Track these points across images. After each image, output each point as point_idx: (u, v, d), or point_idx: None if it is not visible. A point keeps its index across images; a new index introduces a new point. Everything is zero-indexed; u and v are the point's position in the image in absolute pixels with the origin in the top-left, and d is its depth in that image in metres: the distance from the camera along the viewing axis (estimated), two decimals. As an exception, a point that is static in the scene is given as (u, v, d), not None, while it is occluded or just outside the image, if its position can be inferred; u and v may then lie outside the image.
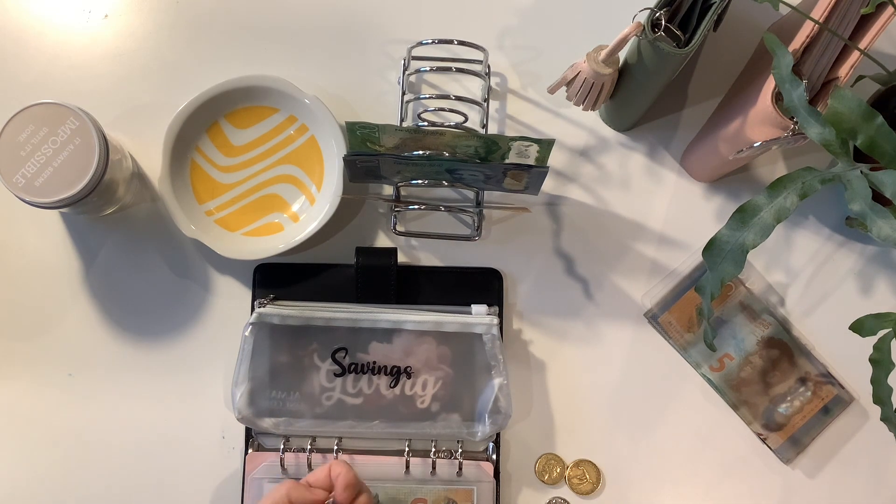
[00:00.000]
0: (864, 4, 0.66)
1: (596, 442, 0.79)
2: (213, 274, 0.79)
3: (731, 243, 0.64)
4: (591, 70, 0.69)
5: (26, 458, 0.77)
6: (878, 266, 0.81)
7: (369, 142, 0.68)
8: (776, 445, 0.78)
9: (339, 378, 0.76)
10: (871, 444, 0.79)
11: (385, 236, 0.80)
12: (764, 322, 0.79)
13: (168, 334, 0.78)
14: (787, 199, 0.63)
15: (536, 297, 0.80)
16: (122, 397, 0.78)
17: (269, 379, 0.76)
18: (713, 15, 0.64)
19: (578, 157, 0.81)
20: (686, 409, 0.79)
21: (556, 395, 0.79)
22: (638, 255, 0.80)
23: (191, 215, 0.76)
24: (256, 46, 0.81)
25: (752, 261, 0.81)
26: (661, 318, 0.79)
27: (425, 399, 0.77)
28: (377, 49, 0.81)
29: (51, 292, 0.78)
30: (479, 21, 0.82)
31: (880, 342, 0.64)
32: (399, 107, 0.80)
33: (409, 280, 0.77)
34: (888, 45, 0.82)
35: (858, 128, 0.59)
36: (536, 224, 0.80)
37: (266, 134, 0.78)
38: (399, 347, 0.76)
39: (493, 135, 0.76)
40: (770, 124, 0.66)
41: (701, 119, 0.81)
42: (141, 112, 0.80)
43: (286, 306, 0.75)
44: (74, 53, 0.80)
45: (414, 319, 0.75)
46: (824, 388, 0.79)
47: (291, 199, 0.78)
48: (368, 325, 0.76)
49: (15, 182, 0.68)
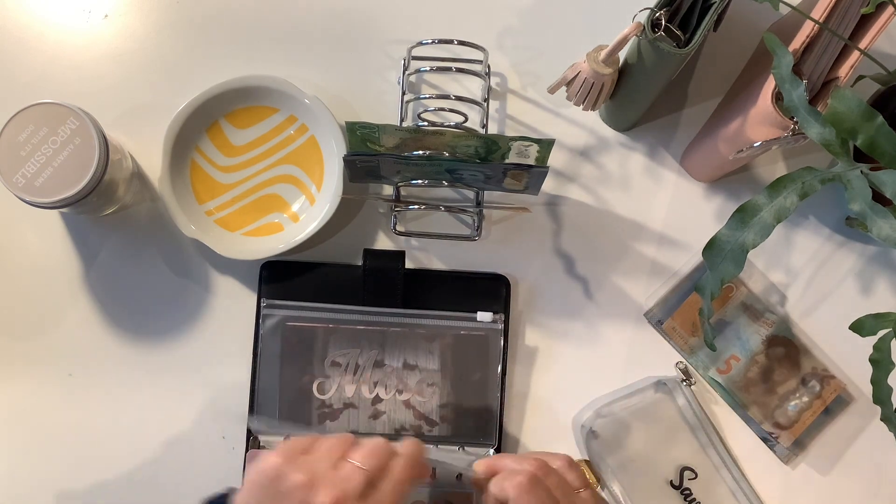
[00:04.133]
0: (864, 4, 0.66)
1: (596, 442, 0.79)
2: (213, 274, 0.79)
3: (731, 243, 0.64)
4: (591, 70, 0.69)
5: (26, 458, 0.77)
6: (878, 266, 0.81)
7: (369, 142, 0.68)
8: (788, 443, 0.78)
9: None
10: (871, 444, 0.79)
11: (385, 236, 0.80)
12: (767, 321, 0.79)
13: (168, 334, 0.78)
14: (787, 199, 0.63)
15: (536, 297, 0.80)
16: (122, 397, 0.78)
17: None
18: (713, 15, 0.64)
19: (578, 157, 0.81)
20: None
21: (555, 396, 0.79)
22: (638, 254, 0.80)
23: (191, 215, 0.76)
24: (256, 46, 0.81)
25: (753, 261, 0.81)
26: (665, 325, 0.79)
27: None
28: (377, 49, 0.81)
29: (51, 292, 0.78)
30: (479, 21, 0.82)
31: (880, 342, 0.64)
32: (399, 107, 0.79)
33: (416, 284, 0.77)
34: (888, 45, 0.82)
35: (858, 128, 0.59)
36: (536, 224, 0.80)
37: (266, 134, 0.78)
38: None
39: (493, 135, 0.76)
40: (770, 124, 0.66)
41: (701, 119, 0.81)
42: (141, 112, 0.80)
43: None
44: (74, 53, 0.80)
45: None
46: (832, 383, 0.79)
47: (291, 199, 0.78)
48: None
49: (15, 182, 0.68)
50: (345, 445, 0.59)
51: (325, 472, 0.56)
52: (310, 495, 0.54)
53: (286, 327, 0.76)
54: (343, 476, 0.56)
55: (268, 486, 0.56)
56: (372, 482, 0.56)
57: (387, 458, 0.59)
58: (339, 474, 0.56)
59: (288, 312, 0.76)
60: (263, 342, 0.76)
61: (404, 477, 0.58)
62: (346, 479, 0.56)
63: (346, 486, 0.55)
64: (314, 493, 0.54)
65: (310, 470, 0.56)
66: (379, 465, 0.58)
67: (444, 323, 0.77)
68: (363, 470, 0.56)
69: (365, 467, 0.56)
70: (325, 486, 0.55)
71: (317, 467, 0.56)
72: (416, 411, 0.77)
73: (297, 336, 0.76)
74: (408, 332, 0.77)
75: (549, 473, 0.61)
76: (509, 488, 0.59)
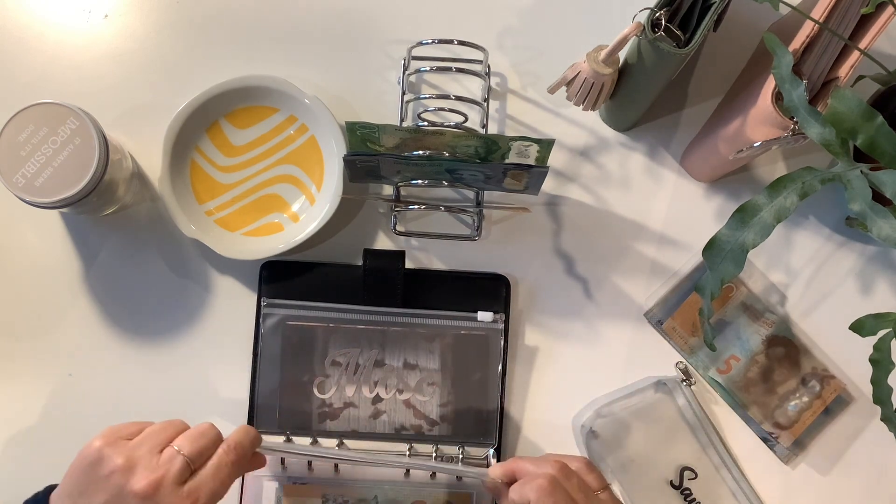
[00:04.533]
0: (864, 4, 0.66)
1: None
2: (213, 274, 0.79)
3: (731, 243, 0.64)
4: (591, 70, 0.69)
5: (26, 458, 0.77)
6: (878, 266, 0.81)
7: (369, 142, 0.68)
8: (788, 443, 0.78)
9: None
10: (871, 444, 0.79)
11: (385, 236, 0.80)
12: (767, 321, 0.79)
13: (168, 334, 0.78)
14: (787, 199, 0.63)
15: (536, 297, 0.80)
16: (122, 397, 0.78)
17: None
18: (713, 15, 0.64)
19: (578, 157, 0.81)
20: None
21: (555, 396, 0.79)
22: (638, 254, 0.80)
23: (191, 215, 0.76)
24: (256, 46, 0.81)
25: (753, 261, 0.81)
26: (665, 325, 0.79)
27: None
28: (377, 49, 0.81)
29: (51, 292, 0.78)
30: (479, 21, 0.82)
31: (880, 342, 0.64)
32: (399, 107, 0.79)
33: (416, 284, 0.77)
34: (888, 45, 0.82)
35: (858, 128, 0.59)
36: (536, 224, 0.80)
37: (266, 134, 0.78)
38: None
39: (493, 135, 0.76)
40: (770, 124, 0.66)
41: (701, 119, 0.81)
42: (141, 112, 0.80)
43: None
44: (74, 53, 0.80)
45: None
46: (832, 383, 0.79)
47: (291, 199, 0.78)
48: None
49: (15, 182, 0.68)
50: (169, 431, 0.59)
51: (144, 456, 0.56)
52: (127, 480, 0.55)
53: (286, 327, 0.76)
54: (162, 461, 0.56)
55: (88, 471, 0.56)
56: (192, 468, 0.57)
57: (211, 444, 0.59)
58: (157, 459, 0.56)
59: (288, 312, 0.76)
60: (263, 342, 0.76)
61: (226, 463, 0.58)
62: (164, 463, 0.56)
63: (163, 470, 0.55)
64: (131, 478, 0.55)
65: (130, 454, 0.56)
66: (200, 450, 0.57)
67: (444, 323, 0.77)
68: (183, 456, 0.56)
69: (184, 453, 0.56)
70: (142, 471, 0.55)
71: (137, 452, 0.56)
72: (417, 411, 0.77)
73: (298, 336, 0.76)
74: (408, 331, 0.77)
75: (570, 475, 0.62)
76: (530, 492, 0.60)
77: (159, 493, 0.55)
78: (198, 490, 0.56)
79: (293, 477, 0.76)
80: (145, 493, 0.54)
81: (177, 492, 0.55)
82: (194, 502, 0.55)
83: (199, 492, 0.56)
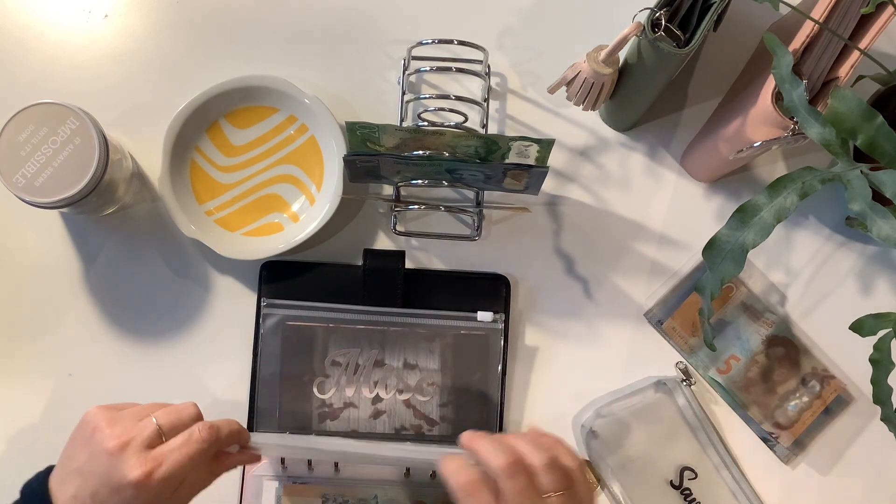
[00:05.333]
0: (864, 4, 0.66)
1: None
2: (214, 274, 0.79)
3: (731, 243, 0.64)
4: (591, 70, 0.69)
5: (26, 458, 0.77)
6: (878, 266, 0.81)
7: (369, 142, 0.68)
8: (788, 443, 0.78)
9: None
10: (871, 444, 0.79)
11: (385, 236, 0.80)
12: (767, 321, 0.79)
13: (168, 334, 0.78)
14: (787, 199, 0.63)
15: (536, 297, 0.80)
16: (122, 397, 0.77)
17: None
18: (713, 15, 0.64)
19: (578, 157, 0.81)
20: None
21: (555, 395, 0.79)
22: (638, 254, 0.80)
23: (191, 215, 0.76)
24: (256, 46, 0.81)
25: (753, 261, 0.81)
26: (665, 325, 0.79)
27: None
28: (377, 49, 0.81)
29: (51, 292, 0.78)
30: (479, 21, 0.82)
31: (880, 342, 0.64)
32: (399, 107, 0.79)
33: (416, 284, 0.77)
34: (888, 45, 0.82)
35: (858, 128, 0.59)
36: (536, 224, 0.80)
37: (266, 134, 0.78)
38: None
39: (493, 135, 0.76)
40: (770, 124, 0.66)
41: (701, 119, 0.81)
42: (141, 112, 0.80)
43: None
44: (74, 53, 0.80)
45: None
46: (832, 383, 0.79)
47: (291, 199, 0.78)
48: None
49: (15, 182, 0.68)
50: (156, 406, 0.63)
51: (123, 421, 0.61)
52: (102, 439, 0.59)
53: (286, 327, 0.76)
54: (138, 427, 0.60)
55: (77, 434, 0.62)
56: (164, 438, 0.60)
57: (188, 419, 0.62)
58: (133, 425, 0.60)
59: (288, 312, 0.76)
60: (263, 342, 0.76)
61: (197, 439, 0.61)
62: (137, 428, 0.60)
63: (134, 433, 0.59)
64: (105, 437, 0.59)
65: (112, 418, 0.61)
66: (175, 423, 0.61)
67: (444, 322, 0.77)
68: (158, 425, 0.60)
69: (160, 423, 0.60)
70: (117, 432, 0.59)
71: (120, 417, 0.61)
72: (417, 411, 0.77)
73: (297, 336, 0.76)
74: (408, 331, 0.77)
75: (517, 473, 0.57)
76: (455, 484, 0.57)
77: (125, 452, 0.58)
78: (161, 456, 0.59)
79: (293, 476, 0.76)
80: (111, 451, 0.58)
81: (142, 454, 0.58)
82: (156, 467, 0.58)
83: (163, 458, 0.59)
